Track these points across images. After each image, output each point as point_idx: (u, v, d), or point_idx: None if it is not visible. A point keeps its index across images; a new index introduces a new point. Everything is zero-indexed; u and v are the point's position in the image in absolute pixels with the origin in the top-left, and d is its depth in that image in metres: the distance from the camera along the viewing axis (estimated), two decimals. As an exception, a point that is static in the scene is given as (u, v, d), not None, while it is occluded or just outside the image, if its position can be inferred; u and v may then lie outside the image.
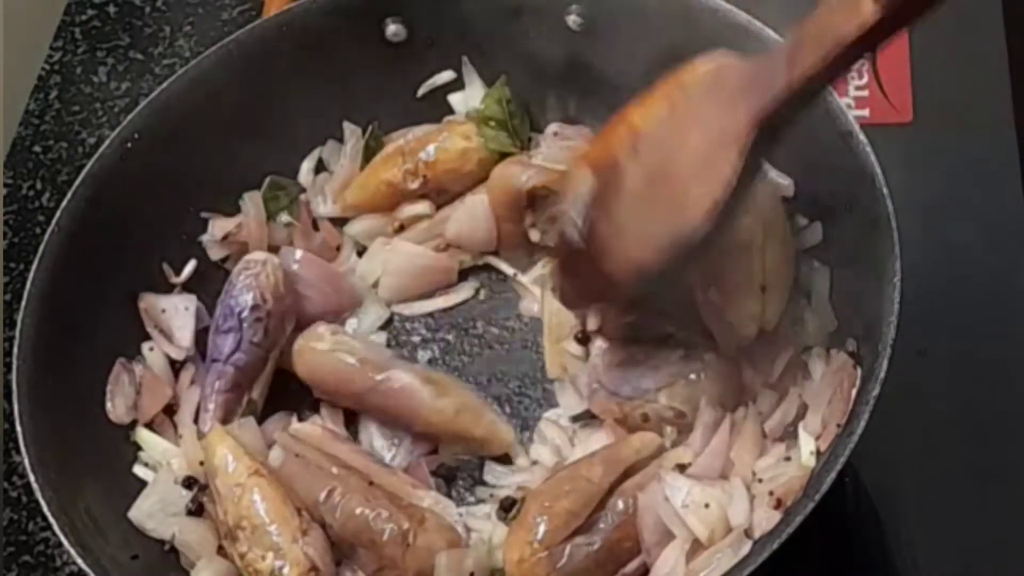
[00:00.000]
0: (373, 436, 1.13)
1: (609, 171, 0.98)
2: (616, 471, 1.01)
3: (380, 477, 1.06)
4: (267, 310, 1.13)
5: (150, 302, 1.17)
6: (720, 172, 0.91)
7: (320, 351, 1.13)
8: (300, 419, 1.15)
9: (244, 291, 1.13)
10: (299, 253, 1.19)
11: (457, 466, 1.12)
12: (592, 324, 1.13)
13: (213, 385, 1.12)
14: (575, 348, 1.14)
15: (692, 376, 1.05)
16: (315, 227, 1.24)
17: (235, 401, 1.12)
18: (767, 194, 1.09)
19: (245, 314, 1.13)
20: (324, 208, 1.25)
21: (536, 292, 1.19)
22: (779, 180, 1.12)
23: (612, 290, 1.02)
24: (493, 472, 1.11)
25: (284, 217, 1.22)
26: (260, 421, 1.13)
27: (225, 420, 1.11)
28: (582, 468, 1.02)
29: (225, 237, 1.20)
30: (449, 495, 1.10)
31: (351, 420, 1.15)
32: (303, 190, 1.25)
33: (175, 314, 1.17)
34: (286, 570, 1.00)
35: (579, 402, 1.12)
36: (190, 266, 1.20)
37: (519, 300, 1.20)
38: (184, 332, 1.16)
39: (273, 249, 1.20)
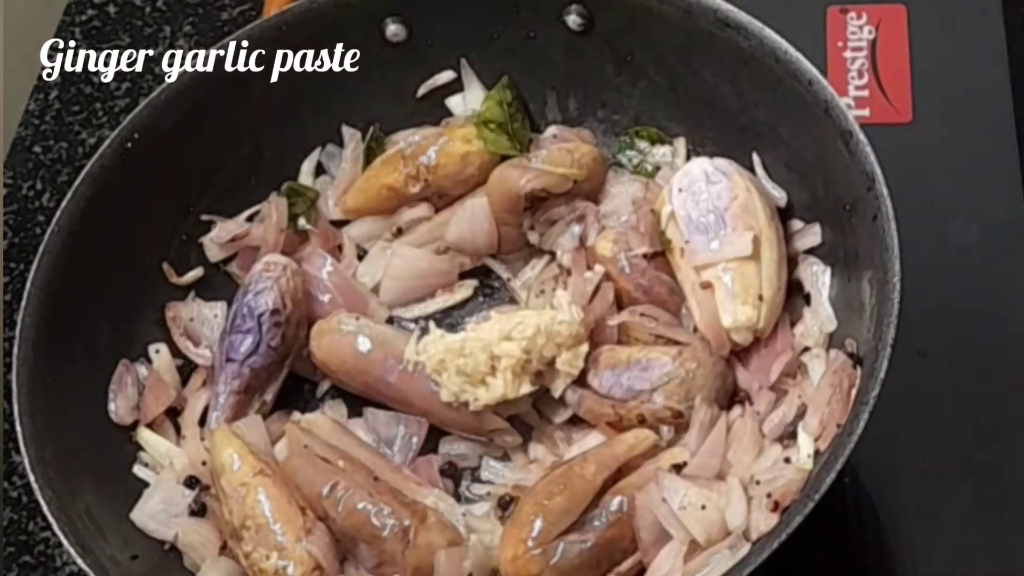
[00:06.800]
0: (375, 431, 1.13)
1: None
2: (610, 468, 1.01)
3: (385, 473, 1.06)
4: (286, 315, 1.12)
5: (177, 311, 1.17)
6: None
7: (345, 332, 1.12)
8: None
9: (265, 292, 1.12)
10: (330, 260, 1.18)
11: (458, 463, 1.11)
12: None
13: (228, 384, 1.12)
14: None
15: (685, 374, 1.05)
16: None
17: (246, 403, 1.12)
18: (764, 205, 1.09)
19: (264, 317, 1.12)
20: (325, 211, 1.24)
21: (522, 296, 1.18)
22: (773, 192, 1.12)
23: None
24: (491, 469, 1.11)
25: (302, 222, 1.22)
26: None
27: (233, 421, 1.11)
28: (575, 466, 1.02)
29: (232, 240, 1.20)
30: (455, 494, 1.09)
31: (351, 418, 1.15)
32: (318, 195, 1.24)
33: (203, 323, 1.17)
34: (290, 569, 1.00)
35: (559, 412, 1.11)
36: (195, 272, 1.20)
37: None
38: (215, 341, 1.16)
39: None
